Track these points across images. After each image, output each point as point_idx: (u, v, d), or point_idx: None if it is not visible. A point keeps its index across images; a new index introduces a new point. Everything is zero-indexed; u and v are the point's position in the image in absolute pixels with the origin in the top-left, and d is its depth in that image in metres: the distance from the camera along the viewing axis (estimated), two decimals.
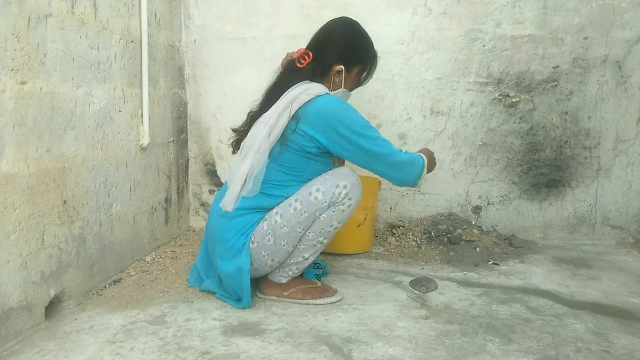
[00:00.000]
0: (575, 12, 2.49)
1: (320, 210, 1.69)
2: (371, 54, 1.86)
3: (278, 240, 1.71)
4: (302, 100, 1.67)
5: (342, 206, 1.70)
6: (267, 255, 1.73)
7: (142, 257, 2.20)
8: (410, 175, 1.74)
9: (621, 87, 2.52)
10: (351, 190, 1.70)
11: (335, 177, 1.71)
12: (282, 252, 1.73)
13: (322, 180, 1.71)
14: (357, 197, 1.73)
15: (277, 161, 1.71)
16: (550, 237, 2.63)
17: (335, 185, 1.69)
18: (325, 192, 1.68)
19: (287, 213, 1.69)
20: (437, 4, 2.52)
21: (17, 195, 1.43)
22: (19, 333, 1.46)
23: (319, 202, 1.68)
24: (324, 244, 1.77)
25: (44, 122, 1.54)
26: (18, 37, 1.41)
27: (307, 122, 1.67)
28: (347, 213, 1.73)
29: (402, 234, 2.53)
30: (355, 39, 1.82)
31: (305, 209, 1.69)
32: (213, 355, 1.41)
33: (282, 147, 1.69)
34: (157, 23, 2.31)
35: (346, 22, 1.86)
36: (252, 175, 1.68)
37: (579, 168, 2.58)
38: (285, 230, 1.70)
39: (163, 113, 2.39)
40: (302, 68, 1.76)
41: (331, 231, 1.74)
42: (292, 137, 1.68)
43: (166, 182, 2.45)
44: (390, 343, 1.49)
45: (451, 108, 2.58)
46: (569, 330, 1.60)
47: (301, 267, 1.79)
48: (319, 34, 1.82)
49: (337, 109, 1.68)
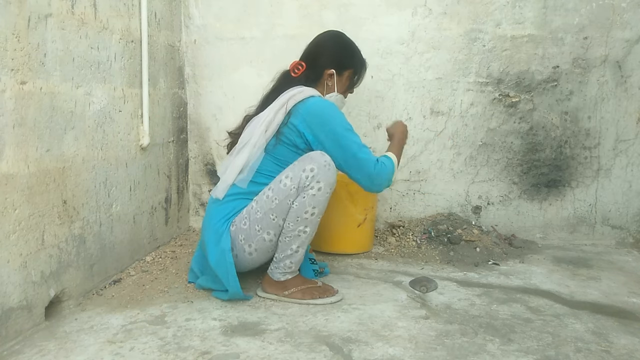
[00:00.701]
0: (575, 12, 2.49)
1: (290, 197, 1.71)
2: (359, 59, 1.99)
3: (252, 224, 1.74)
4: (296, 99, 1.80)
5: (311, 190, 1.70)
6: (244, 240, 1.76)
7: (142, 257, 2.20)
8: (379, 185, 1.82)
9: (621, 87, 2.52)
10: (319, 172, 1.69)
11: (302, 161, 1.72)
12: (258, 238, 1.75)
13: (292, 166, 1.74)
14: (327, 178, 1.70)
15: (271, 154, 1.80)
16: (550, 237, 2.63)
17: (302, 169, 1.70)
18: (293, 177, 1.71)
19: (261, 200, 1.75)
20: (437, 4, 2.52)
21: (17, 195, 1.43)
22: (19, 333, 1.46)
23: (287, 189, 1.70)
24: (308, 233, 1.75)
25: (44, 122, 1.54)
26: (18, 37, 1.41)
27: (297, 118, 1.78)
28: (320, 197, 1.71)
29: (402, 234, 2.53)
30: (343, 46, 1.97)
31: (276, 196, 1.72)
32: (213, 355, 1.41)
33: (277, 141, 1.79)
34: (157, 23, 2.31)
35: (335, 33, 2.02)
36: (247, 167, 1.78)
37: (579, 168, 2.58)
38: (259, 215, 1.74)
39: (163, 113, 2.39)
40: (296, 77, 1.90)
41: (310, 218, 1.73)
42: (284, 131, 1.78)
43: (166, 182, 2.45)
44: (390, 343, 1.49)
45: (451, 108, 2.59)
46: (569, 330, 1.60)
47: (294, 259, 1.78)
48: (310, 46, 1.96)
49: (326, 109, 1.80)
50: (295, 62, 1.92)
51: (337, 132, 1.76)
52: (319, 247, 2.37)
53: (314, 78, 1.90)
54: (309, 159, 1.72)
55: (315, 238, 2.37)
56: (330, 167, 1.72)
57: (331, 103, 1.85)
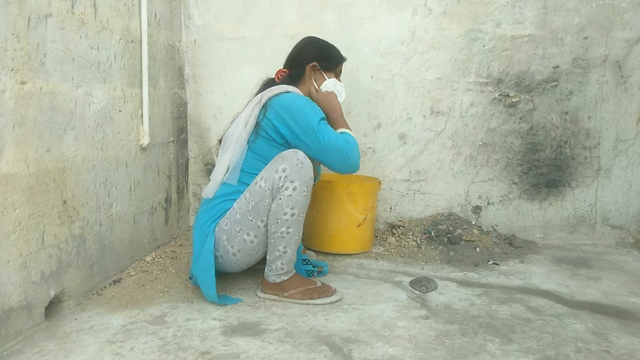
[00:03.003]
0: (575, 12, 2.49)
1: (265, 198, 1.71)
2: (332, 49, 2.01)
3: (233, 225, 1.75)
4: (272, 93, 1.83)
5: (286, 191, 1.68)
6: (226, 241, 1.77)
7: (142, 257, 2.20)
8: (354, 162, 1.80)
9: (621, 87, 2.52)
10: (291, 172, 1.68)
11: (275, 162, 1.72)
12: (239, 239, 1.75)
13: (266, 167, 1.74)
14: (301, 176, 1.68)
15: (252, 149, 1.81)
16: (550, 237, 2.63)
17: (275, 170, 1.70)
18: (267, 178, 1.71)
19: (240, 201, 1.76)
20: (437, 4, 2.52)
21: (17, 195, 1.43)
22: (19, 333, 1.46)
23: (262, 190, 1.71)
24: (292, 233, 1.73)
25: (44, 122, 1.54)
26: (18, 37, 1.41)
27: (271, 112, 1.80)
28: (296, 196, 1.69)
29: (402, 234, 2.53)
30: (316, 41, 2.01)
31: (252, 198, 1.73)
32: (213, 355, 1.41)
33: (256, 136, 1.81)
34: (157, 23, 2.31)
35: (309, 36, 2.06)
36: (233, 163, 1.80)
37: (579, 168, 2.58)
38: (238, 216, 1.75)
39: (163, 113, 2.39)
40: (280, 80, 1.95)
41: (290, 219, 1.71)
42: (263, 125, 1.80)
43: (166, 182, 2.45)
44: (390, 343, 1.49)
45: (451, 108, 2.59)
46: (569, 330, 1.60)
47: (285, 260, 1.77)
48: (289, 54, 2.02)
49: (296, 100, 1.81)
50: (279, 70, 1.97)
51: (307, 120, 1.75)
52: (319, 247, 2.37)
53: (296, 76, 1.93)
54: (280, 159, 1.71)
55: (315, 238, 2.38)
56: (304, 165, 1.69)
57: (303, 97, 1.86)
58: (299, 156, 1.70)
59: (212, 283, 1.72)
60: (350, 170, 1.82)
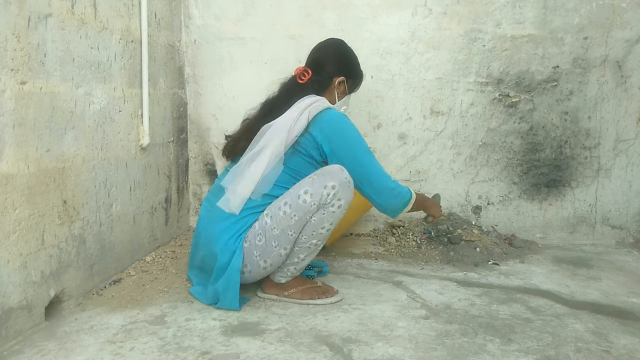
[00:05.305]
0: (575, 12, 2.49)
1: (309, 213, 1.66)
2: (360, 68, 2.00)
3: (269, 241, 1.69)
4: (316, 108, 1.76)
5: (332, 207, 1.67)
6: (259, 256, 1.71)
7: (142, 257, 2.20)
8: (391, 205, 1.81)
9: (621, 87, 2.52)
10: (340, 189, 1.66)
11: (323, 177, 1.67)
12: (274, 254, 1.70)
13: (311, 181, 1.68)
14: (348, 196, 1.68)
15: (286, 164, 1.73)
16: (550, 237, 2.63)
17: (323, 186, 1.65)
18: (314, 194, 1.65)
19: (277, 216, 1.68)
20: (437, 4, 2.52)
21: (17, 195, 1.43)
22: (19, 333, 1.46)
23: (307, 205, 1.65)
24: (319, 245, 1.75)
25: (44, 122, 1.54)
26: (18, 37, 1.41)
27: (316, 128, 1.73)
28: (338, 214, 1.69)
29: (402, 234, 2.53)
30: (348, 54, 1.97)
31: (295, 213, 1.66)
32: (213, 355, 1.41)
33: (293, 151, 1.74)
34: (157, 23, 2.31)
35: (338, 41, 2.01)
36: (265, 178, 1.71)
37: (579, 168, 2.58)
38: (276, 232, 1.68)
39: (163, 113, 2.39)
40: (304, 83, 1.85)
41: (324, 233, 1.71)
42: (301, 141, 1.73)
43: (166, 182, 2.45)
44: (390, 343, 1.49)
45: (451, 108, 2.59)
46: (569, 330, 1.60)
47: (299, 267, 1.78)
48: (314, 53, 1.95)
49: (346, 124, 1.78)
50: (301, 68, 1.88)
51: (357, 148, 1.75)
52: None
53: (322, 86, 1.88)
54: (329, 175, 1.66)
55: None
56: (350, 184, 1.69)
57: (348, 118, 1.81)
58: (346, 174, 1.68)
59: (236, 298, 1.69)
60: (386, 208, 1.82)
